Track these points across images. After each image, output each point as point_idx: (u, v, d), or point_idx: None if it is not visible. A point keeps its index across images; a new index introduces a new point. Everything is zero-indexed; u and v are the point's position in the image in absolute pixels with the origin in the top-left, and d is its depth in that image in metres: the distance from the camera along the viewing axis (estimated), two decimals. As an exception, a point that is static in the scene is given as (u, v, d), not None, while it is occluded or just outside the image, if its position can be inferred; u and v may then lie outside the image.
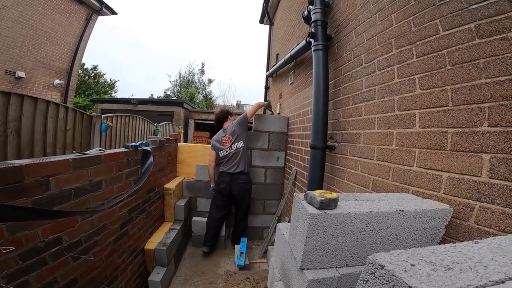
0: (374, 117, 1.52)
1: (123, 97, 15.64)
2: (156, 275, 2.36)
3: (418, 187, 1.14)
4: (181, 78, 22.80)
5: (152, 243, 2.54)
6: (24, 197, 1.14)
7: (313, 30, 2.21)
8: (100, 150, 1.71)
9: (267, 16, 6.93)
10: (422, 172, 1.13)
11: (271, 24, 7.03)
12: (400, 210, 0.89)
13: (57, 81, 6.87)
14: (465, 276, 0.43)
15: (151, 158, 2.31)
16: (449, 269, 0.46)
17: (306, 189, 2.49)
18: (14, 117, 2.15)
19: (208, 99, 22.95)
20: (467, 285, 0.40)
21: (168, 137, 3.21)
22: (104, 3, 7.89)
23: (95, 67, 18.37)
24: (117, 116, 4.01)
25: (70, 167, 1.41)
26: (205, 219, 3.31)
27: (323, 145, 2.00)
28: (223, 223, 3.32)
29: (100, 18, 8.32)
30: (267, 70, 6.48)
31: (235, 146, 3.14)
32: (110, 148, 3.73)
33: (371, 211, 0.88)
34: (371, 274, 0.51)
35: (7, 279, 1.10)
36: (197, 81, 23.25)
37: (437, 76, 1.10)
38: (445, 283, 0.41)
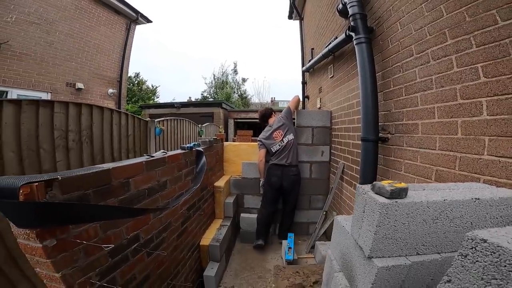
0: (433, 106, 1.47)
1: (165, 101, 16.65)
2: (211, 270, 2.49)
3: (491, 176, 1.09)
4: (216, 79, 23.45)
5: (206, 239, 2.68)
6: (112, 197, 1.29)
7: (352, 23, 2.19)
8: (163, 152, 1.85)
9: (296, 11, 6.89)
10: (494, 160, 1.08)
11: (301, 19, 6.96)
12: (476, 199, 0.87)
13: (110, 90, 7.54)
14: None
15: (204, 158, 2.43)
16: None
17: (357, 183, 2.49)
18: (86, 125, 2.42)
19: (243, 98, 23.38)
20: None
21: (216, 137, 3.34)
22: (139, 12, 8.41)
23: (137, 75, 19.65)
24: (167, 120, 4.30)
25: (144, 169, 1.55)
26: (252, 215, 3.41)
27: (375, 137, 1.97)
28: (273, 219, 3.38)
29: (137, 27, 8.87)
30: (303, 65, 6.45)
31: (287, 139, 3.20)
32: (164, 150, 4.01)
33: (444, 200, 0.87)
34: (472, 248, 0.55)
35: (100, 276, 1.22)
36: (231, 81, 23.78)
37: (501, 64, 1.06)
38: None
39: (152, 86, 20.57)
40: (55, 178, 0.97)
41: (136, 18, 8.39)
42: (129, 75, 18.59)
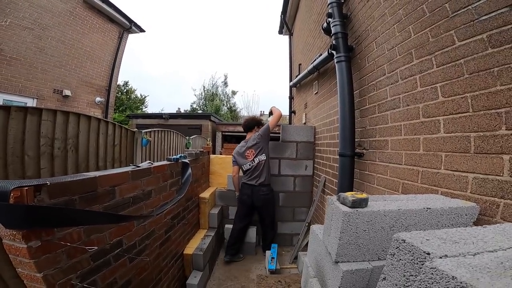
0: (400, 124, 1.60)
1: (154, 111, 16.51)
2: (194, 279, 2.51)
3: (447, 188, 1.21)
4: (205, 91, 23.45)
5: (190, 248, 2.71)
6: (97, 204, 1.34)
7: (334, 42, 2.31)
8: (149, 163, 1.91)
9: (286, 26, 7.11)
10: (450, 174, 1.20)
11: (290, 35, 7.17)
12: (427, 208, 0.98)
13: (98, 99, 7.47)
14: (467, 247, 0.56)
15: (190, 170, 2.49)
16: (455, 242, 0.59)
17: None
18: (73, 134, 2.44)
19: (232, 110, 23.42)
20: (467, 252, 0.54)
21: (202, 149, 3.40)
22: (133, 21, 8.47)
23: (126, 83, 19.50)
24: (155, 131, 4.33)
25: (129, 178, 1.61)
26: (237, 226, 3.43)
27: (351, 152, 2.08)
28: (245, 233, 3.40)
29: (130, 35, 8.89)
30: (291, 80, 6.61)
31: (258, 159, 3.14)
32: (150, 161, 4.02)
33: (399, 209, 0.97)
34: (396, 248, 0.65)
35: (81, 278, 1.26)
36: (221, 93, 23.82)
37: (457, 84, 1.18)
38: (450, 250, 0.55)
39: (141, 95, 20.43)
40: (44, 183, 1.02)
41: (130, 27, 8.44)
42: (118, 83, 18.54)
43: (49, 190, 1.05)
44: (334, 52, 2.31)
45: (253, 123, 3.32)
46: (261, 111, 24.38)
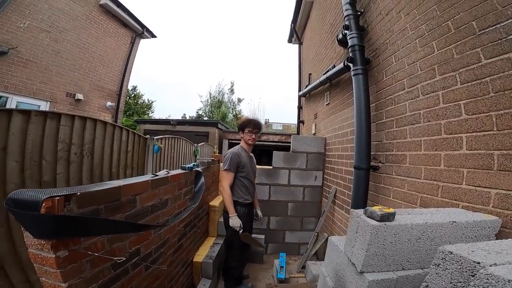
0: (420, 139, 1.60)
1: (160, 116, 16.69)
2: (202, 287, 2.49)
3: (468, 202, 1.22)
4: (212, 98, 23.73)
5: (199, 256, 2.69)
6: (120, 213, 1.34)
7: (351, 54, 2.31)
8: (166, 171, 1.90)
9: (296, 35, 7.13)
10: (471, 189, 1.21)
11: (300, 44, 7.18)
12: (453, 221, 1.02)
13: (109, 103, 7.56)
14: (510, 257, 0.65)
15: (202, 179, 2.49)
16: (498, 252, 0.67)
17: (348, 207, 2.60)
18: (89, 139, 2.45)
19: (238, 118, 23.70)
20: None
21: (213, 158, 3.40)
22: (145, 26, 8.59)
23: (134, 88, 19.76)
24: (166, 138, 4.36)
25: (149, 187, 1.61)
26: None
27: (367, 165, 2.09)
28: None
29: (142, 41, 8.98)
30: (299, 89, 6.62)
31: None
32: (160, 168, 4.03)
33: (426, 222, 1.01)
34: (442, 259, 0.71)
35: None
36: (227, 100, 24.15)
37: (481, 103, 1.18)
38: (497, 259, 0.63)
39: (148, 100, 20.66)
40: (74, 193, 1.03)
41: (142, 32, 8.55)
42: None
43: (78, 199, 1.06)
44: (351, 64, 2.31)
45: (238, 127, 2.73)
46: (266, 119, 24.48)
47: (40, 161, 2.02)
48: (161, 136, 4.05)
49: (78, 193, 1.04)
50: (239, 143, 2.75)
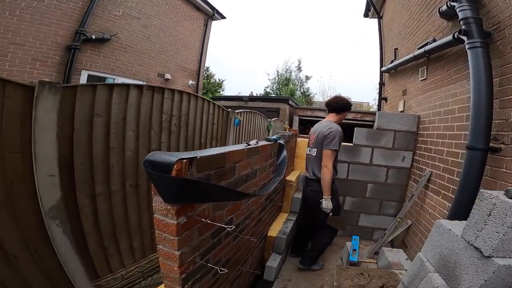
0: None
1: (229, 94, 17.67)
2: (273, 261, 2.56)
3: None
4: (279, 76, 23.73)
5: (273, 231, 2.74)
6: (223, 180, 1.41)
7: (464, 27, 2.14)
8: (256, 142, 1.95)
9: (374, 9, 6.54)
10: None
11: (379, 18, 6.56)
12: None
13: (190, 82, 8.31)
14: None
15: (285, 152, 2.49)
16: None
17: (447, 192, 2.43)
18: (185, 112, 2.72)
19: (306, 95, 23.28)
20: None
21: (291, 132, 3.38)
22: (215, 8, 8.88)
23: (207, 68, 21.09)
24: (244, 112, 4.56)
25: (245, 156, 1.66)
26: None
27: (484, 146, 1.86)
28: (310, 230, 2.96)
29: (213, 22, 9.35)
30: (381, 65, 6.13)
31: (311, 151, 2.68)
32: (240, 141, 4.27)
33: None
34: None
35: (201, 256, 1.29)
36: (294, 78, 23.87)
37: None
38: None
39: (219, 79, 21.85)
40: (195, 157, 1.07)
41: (213, 14, 8.90)
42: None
43: (197, 164, 1.09)
44: (464, 37, 2.14)
45: (336, 106, 2.60)
46: None
47: (149, 131, 2.34)
48: (241, 110, 4.24)
49: (198, 157, 1.07)
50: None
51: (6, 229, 1.59)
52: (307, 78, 24.00)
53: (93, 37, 5.28)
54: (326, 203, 2.41)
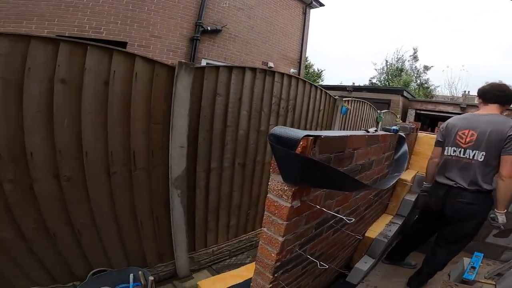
0: None
1: (329, 83, 17.10)
2: (363, 264, 2.33)
3: None
4: (388, 66, 21.68)
5: (373, 232, 2.47)
6: (340, 166, 1.29)
7: None
8: (375, 130, 1.72)
9: None
10: None
11: None
12: None
13: (292, 70, 8.44)
14: None
15: (405, 146, 2.15)
16: None
17: None
18: (293, 96, 2.71)
19: (424, 88, 20.56)
20: None
21: (413, 125, 2.90)
22: None
23: (305, 58, 20.99)
24: (352, 100, 4.28)
25: (365, 144, 1.49)
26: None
27: None
28: (420, 241, 2.50)
29: (311, 11, 9.07)
30: None
31: (470, 154, 1.92)
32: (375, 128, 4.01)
33: None
34: None
35: (299, 246, 1.23)
36: (408, 68, 21.47)
37: None
38: None
39: (318, 69, 21.43)
40: (319, 135, 0.99)
41: (310, 2, 8.67)
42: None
43: (321, 143, 1.01)
44: None
45: (502, 94, 1.93)
46: (465, 91, 19.26)
47: (260, 112, 2.43)
48: (348, 98, 3.96)
49: (322, 136, 1.00)
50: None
51: (141, 196, 1.92)
52: (426, 68, 21.16)
53: (209, 28, 5.95)
54: (503, 218, 1.86)
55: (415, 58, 21.55)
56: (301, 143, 0.91)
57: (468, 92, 19.70)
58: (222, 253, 2.63)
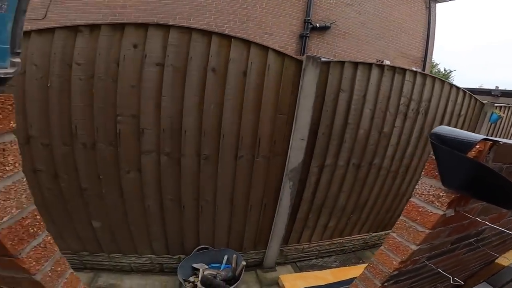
0: None
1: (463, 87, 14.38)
2: None
3: None
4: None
5: (506, 260, 1.98)
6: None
7: None
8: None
9: None
10: None
11: None
12: None
13: (413, 69, 7.33)
14: None
15: None
16: None
17: None
18: (426, 97, 2.39)
19: None
20: None
21: None
22: None
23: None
24: (504, 107, 3.45)
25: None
26: None
27: None
28: None
29: (437, 5, 7.88)
30: None
31: None
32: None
33: None
34: None
35: (427, 258, 1.14)
36: None
37: None
38: None
39: (444, 70, 18.78)
40: (497, 141, 0.85)
41: None
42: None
43: (498, 150, 0.87)
44: None
45: None
46: None
47: (385, 112, 2.25)
48: (501, 104, 3.20)
49: (501, 142, 0.85)
50: None
51: (257, 182, 2.05)
52: None
53: (317, 25, 5.90)
54: None
55: None
56: (477, 146, 0.80)
57: None
58: (311, 252, 2.62)
